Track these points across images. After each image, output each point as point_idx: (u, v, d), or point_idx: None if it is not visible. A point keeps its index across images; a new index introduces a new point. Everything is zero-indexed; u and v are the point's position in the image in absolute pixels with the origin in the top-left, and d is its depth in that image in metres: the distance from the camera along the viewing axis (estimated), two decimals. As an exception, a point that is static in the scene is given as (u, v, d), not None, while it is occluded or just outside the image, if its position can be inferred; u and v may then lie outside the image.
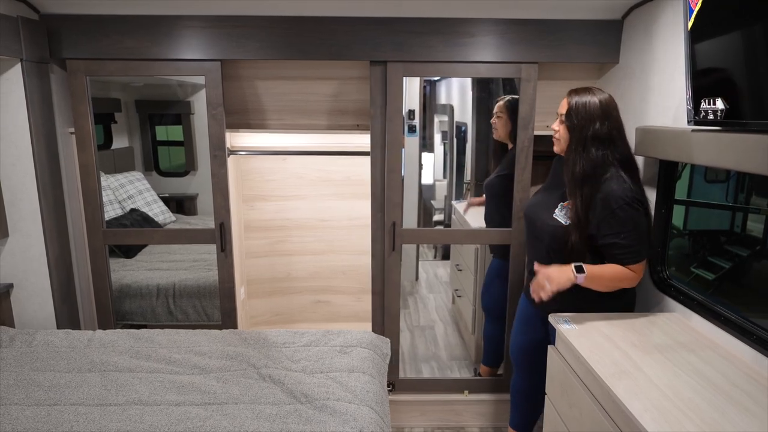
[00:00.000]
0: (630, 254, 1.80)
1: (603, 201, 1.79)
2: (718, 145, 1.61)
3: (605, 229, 1.80)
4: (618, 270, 1.82)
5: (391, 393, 2.74)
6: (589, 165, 1.81)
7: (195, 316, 3.06)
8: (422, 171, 4.05)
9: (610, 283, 1.84)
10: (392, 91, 2.40)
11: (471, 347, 3.20)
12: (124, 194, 3.42)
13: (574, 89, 1.88)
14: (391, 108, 2.42)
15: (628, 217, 1.78)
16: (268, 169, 3.38)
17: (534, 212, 2.06)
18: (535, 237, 2.04)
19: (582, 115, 1.82)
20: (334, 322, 3.61)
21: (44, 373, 2.03)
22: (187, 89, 3.50)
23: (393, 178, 2.49)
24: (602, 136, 1.81)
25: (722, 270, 3.70)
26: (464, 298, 3.37)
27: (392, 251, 2.56)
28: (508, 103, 2.61)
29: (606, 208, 1.79)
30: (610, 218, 1.78)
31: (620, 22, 2.35)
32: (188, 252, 3.35)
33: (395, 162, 2.48)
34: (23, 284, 2.46)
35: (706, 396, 1.42)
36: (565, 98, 1.88)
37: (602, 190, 1.80)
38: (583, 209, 1.82)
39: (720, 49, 1.59)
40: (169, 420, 1.74)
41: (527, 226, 2.13)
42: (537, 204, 2.08)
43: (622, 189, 1.79)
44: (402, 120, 2.46)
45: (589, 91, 1.85)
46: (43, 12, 2.32)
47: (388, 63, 2.37)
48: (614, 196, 1.78)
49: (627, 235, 1.79)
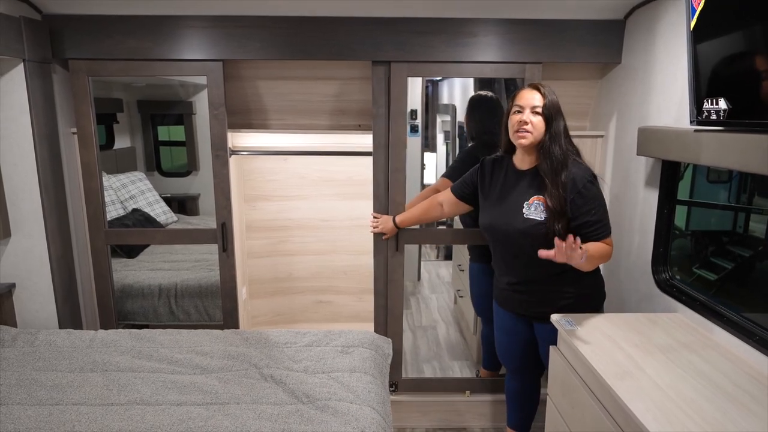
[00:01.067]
0: (602, 228, 1.90)
1: (571, 184, 1.86)
2: (721, 146, 1.60)
3: (575, 210, 1.87)
4: (599, 245, 1.88)
5: (394, 393, 2.74)
6: (564, 154, 1.90)
7: (197, 316, 3.06)
8: (425, 171, 4.06)
9: (599, 259, 1.90)
10: (396, 92, 2.40)
11: (473, 347, 3.20)
12: (126, 194, 3.43)
13: (534, 84, 1.94)
14: (395, 108, 2.42)
15: (592, 195, 1.88)
16: (270, 169, 3.38)
17: (502, 222, 2.01)
18: (511, 245, 2.01)
19: (555, 108, 1.89)
20: (336, 322, 3.61)
21: (46, 372, 2.03)
22: (189, 89, 3.50)
23: (397, 178, 2.49)
24: (564, 127, 1.93)
25: (724, 270, 3.69)
26: (466, 299, 3.36)
27: (395, 251, 2.56)
28: (470, 100, 2.59)
29: (573, 190, 1.86)
30: (578, 198, 1.86)
31: (622, 22, 2.35)
32: (190, 252, 3.35)
33: (399, 162, 2.48)
34: (25, 284, 2.47)
35: (709, 396, 1.41)
36: (533, 91, 1.90)
37: (567, 176, 1.88)
38: (563, 196, 1.87)
39: (723, 49, 1.59)
40: (170, 420, 1.74)
41: (495, 237, 2.08)
42: (499, 214, 2.03)
43: (581, 170, 1.89)
44: (405, 120, 2.45)
45: (548, 87, 1.93)
46: (45, 12, 2.32)
47: (392, 63, 2.36)
48: (578, 177, 1.87)
49: (596, 211, 1.88)
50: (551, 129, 1.89)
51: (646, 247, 2.21)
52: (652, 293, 2.17)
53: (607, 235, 1.91)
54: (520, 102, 1.90)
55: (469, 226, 2.62)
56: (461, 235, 2.75)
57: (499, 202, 2.05)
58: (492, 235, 2.08)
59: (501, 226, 2.02)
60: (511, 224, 1.97)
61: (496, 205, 2.06)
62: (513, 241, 1.99)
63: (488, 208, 2.10)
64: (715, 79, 1.59)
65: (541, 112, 1.88)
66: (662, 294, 2.11)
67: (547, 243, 1.81)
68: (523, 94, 1.91)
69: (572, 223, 1.88)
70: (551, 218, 1.87)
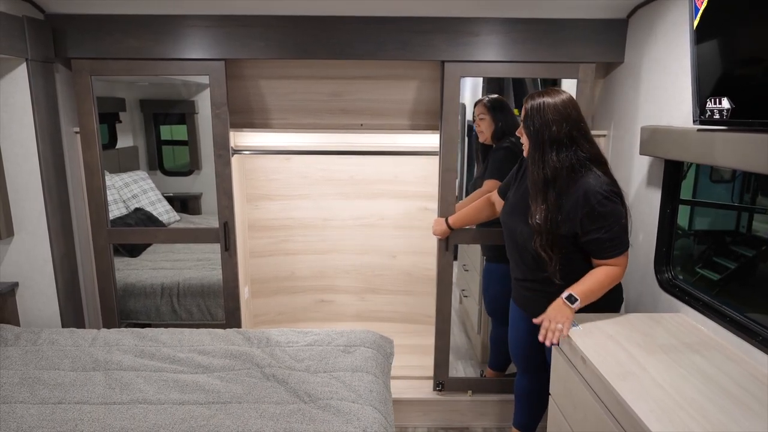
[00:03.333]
0: (612, 247, 1.80)
1: (582, 198, 1.77)
2: (724, 145, 1.60)
3: (587, 226, 1.79)
4: (601, 275, 1.82)
5: (441, 393, 2.76)
6: (550, 170, 1.79)
7: (199, 315, 3.06)
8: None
9: (600, 291, 1.84)
10: (448, 91, 2.39)
11: (477, 347, 3.19)
12: (128, 193, 3.43)
13: (531, 93, 1.86)
14: (448, 108, 2.41)
15: (607, 211, 1.77)
16: (272, 169, 3.39)
17: (511, 220, 2.01)
18: (516, 245, 2.01)
19: (537, 119, 1.79)
20: (338, 322, 3.61)
21: (49, 371, 2.03)
22: (192, 88, 3.50)
23: (448, 177, 2.49)
24: (561, 139, 1.78)
25: (728, 270, 3.68)
26: (470, 299, 3.36)
27: (445, 251, 2.57)
28: (489, 103, 2.58)
29: (586, 205, 1.77)
30: (592, 214, 1.77)
31: (625, 21, 2.34)
32: (192, 251, 3.36)
33: (451, 161, 2.47)
34: (28, 283, 2.47)
35: (711, 397, 1.41)
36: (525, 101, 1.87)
37: (578, 189, 1.78)
38: (550, 214, 1.80)
39: (726, 48, 1.58)
40: (173, 419, 1.74)
41: (507, 234, 2.07)
42: (511, 212, 2.03)
43: (598, 184, 1.77)
44: (457, 120, 2.44)
45: (546, 93, 1.83)
46: (48, 12, 2.33)
47: (447, 63, 2.36)
48: (592, 192, 1.76)
49: (609, 229, 1.78)
50: (533, 142, 1.82)
51: (649, 247, 2.20)
52: (655, 293, 2.16)
53: (620, 253, 1.82)
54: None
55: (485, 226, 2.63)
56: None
57: (515, 200, 2.04)
58: (505, 227, 2.08)
59: (510, 223, 2.02)
60: (518, 223, 1.96)
61: (513, 202, 2.06)
62: (518, 240, 1.98)
63: (507, 204, 2.11)
64: (718, 78, 1.59)
65: (524, 124, 1.86)
66: (665, 294, 2.10)
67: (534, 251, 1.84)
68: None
69: (583, 239, 1.81)
70: (535, 231, 1.83)
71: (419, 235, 3.45)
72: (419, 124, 2.70)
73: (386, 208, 3.46)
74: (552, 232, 1.81)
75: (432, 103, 2.65)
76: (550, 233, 1.81)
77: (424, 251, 3.47)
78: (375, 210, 3.47)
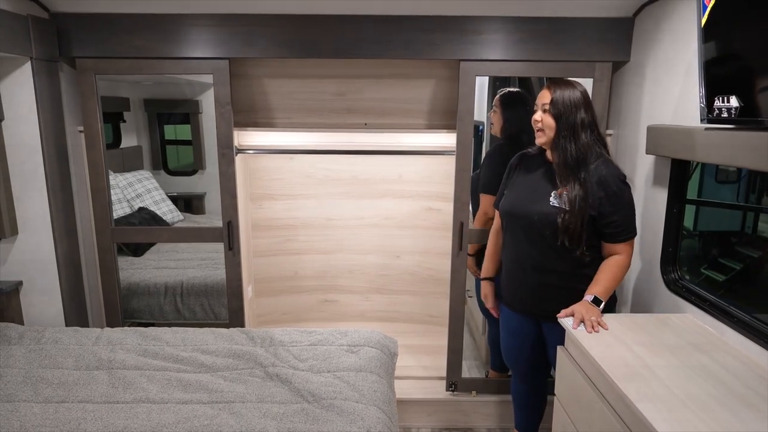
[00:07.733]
0: (627, 230, 1.90)
1: (600, 183, 1.86)
2: (732, 144, 1.59)
3: (606, 207, 1.87)
4: (613, 269, 1.90)
5: (454, 394, 2.75)
6: (581, 150, 1.88)
7: (202, 315, 3.06)
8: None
9: (616, 285, 1.93)
10: (464, 90, 2.39)
11: (481, 348, 3.18)
12: (132, 193, 3.43)
13: (554, 80, 1.94)
14: (463, 107, 2.41)
15: (624, 195, 1.88)
16: (276, 168, 3.38)
17: (522, 205, 2.00)
18: (529, 230, 1.98)
19: (567, 103, 1.87)
20: (342, 322, 3.60)
21: (52, 370, 2.03)
22: (196, 88, 3.50)
23: (462, 177, 2.49)
24: (587, 123, 1.90)
25: (733, 271, 3.66)
26: (475, 299, 3.35)
27: (459, 251, 2.56)
28: (502, 97, 2.57)
29: (604, 189, 1.86)
30: (611, 197, 1.86)
31: (631, 20, 2.33)
32: (196, 251, 3.35)
33: (467, 160, 2.47)
34: (32, 282, 2.48)
35: (718, 397, 1.40)
36: (545, 89, 1.91)
37: (596, 173, 1.87)
38: (582, 193, 1.86)
39: (734, 46, 1.57)
40: (176, 418, 1.74)
41: (512, 222, 2.06)
42: (525, 196, 2.02)
43: (614, 168, 1.89)
44: (471, 120, 2.44)
45: (569, 83, 1.92)
46: (53, 11, 2.33)
47: (463, 62, 2.35)
48: (611, 175, 1.87)
49: (624, 211, 1.89)
50: (560, 125, 1.88)
51: (655, 247, 2.19)
52: (661, 293, 2.15)
53: (631, 237, 1.92)
54: (537, 100, 1.94)
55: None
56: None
57: (526, 188, 2.03)
58: (512, 219, 2.06)
59: (522, 209, 2.00)
60: (534, 208, 1.95)
61: (522, 190, 2.05)
62: (532, 226, 1.96)
63: (513, 192, 2.08)
64: (726, 76, 1.58)
65: (548, 110, 1.89)
66: (671, 294, 2.09)
67: (563, 233, 1.88)
68: (541, 93, 1.93)
69: (600, 221, 1.88)
70: (569, 212, 1.86)
71: (423, 234, 3.44)
72: (426, 123, 2.69)
73: (390, 207, 3.45)
74: (584, 210, 1.86)
75: (438, 102, 2.64)
76: (582, 211, 1.86)
77: (429, 251, 3.46)
78: (379, 210, 3.46)
